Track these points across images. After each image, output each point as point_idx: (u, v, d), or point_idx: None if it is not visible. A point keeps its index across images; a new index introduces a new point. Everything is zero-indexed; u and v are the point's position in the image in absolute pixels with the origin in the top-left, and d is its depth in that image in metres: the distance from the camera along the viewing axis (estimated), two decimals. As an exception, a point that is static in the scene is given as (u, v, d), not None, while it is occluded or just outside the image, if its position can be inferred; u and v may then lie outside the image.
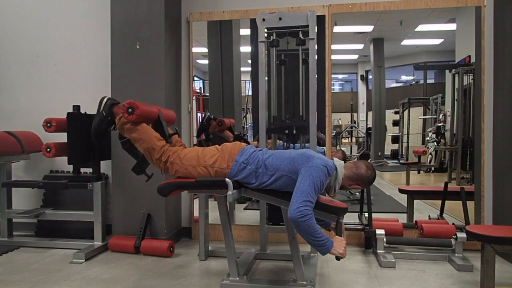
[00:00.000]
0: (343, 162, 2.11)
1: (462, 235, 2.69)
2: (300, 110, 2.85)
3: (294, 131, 2.76)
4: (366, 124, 8.66)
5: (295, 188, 1.88)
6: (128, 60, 3.08)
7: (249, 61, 3.83)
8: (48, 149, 2.84)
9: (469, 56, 4.11)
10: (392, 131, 7.46)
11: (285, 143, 3.08)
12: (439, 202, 3.21)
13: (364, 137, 7.78)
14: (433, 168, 5.57)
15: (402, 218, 3.28)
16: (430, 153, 5.66)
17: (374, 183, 2.27)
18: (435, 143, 5.62)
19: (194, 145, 3.37)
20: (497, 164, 2.90)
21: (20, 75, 3.62)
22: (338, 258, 1.87)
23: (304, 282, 2.16)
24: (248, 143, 2.57)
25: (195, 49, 3.43)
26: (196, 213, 3.21)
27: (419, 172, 5.54)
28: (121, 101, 3.06)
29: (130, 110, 2.17)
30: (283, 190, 2.04)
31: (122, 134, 2.35)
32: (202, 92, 5.08)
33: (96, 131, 2.48)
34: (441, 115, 5.96)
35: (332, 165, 2.03)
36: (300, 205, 1.80)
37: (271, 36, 2.77)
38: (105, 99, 2.45)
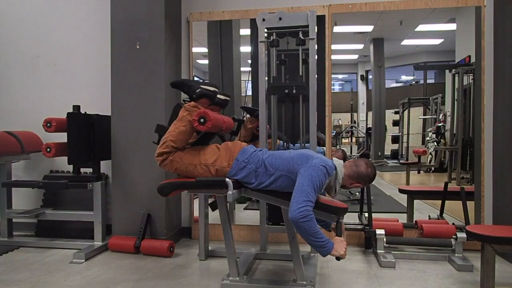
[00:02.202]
0: (342, 161, 2.11)
1: (462, 235, 2.69)
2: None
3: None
4: (366, 124, 8.66)
5: (295, 188, 1.88)
6: (128, 60, 3.08)
7: (249, 61, 3.82)
8: (48, 149, 2.84)
9: (469, 56, 4.11)
10: (392, 131, 7.45)
11: (285, 143, 3.08)
12: (439, 202, 3.21)
13: (364, 137, 7.78)
14: (433, 168, 5.57)
15: (402, 218, 3.28)
16: (430, 153, 5.65)
17: (374, 183, 2.27)
18: (435, 143, 5.62)
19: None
20: (497, 164, 2.90)
21: (20, 75, 3.62)
22: (338, 259, 1.87)
23: (304, 282, 2.16)
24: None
25: (195, 49, 3.43)
26: (196, 213, 3.21)
27: (419, 172, 5.53)
28: (121, 103, 3.08)
29: (202, 120, 2.05)
30: (283, 191, 2.04)
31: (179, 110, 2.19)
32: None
33: (181, 83, 2.26)
34: (441, 115, 5.96)
35: (331, 165, 2.03)
36: (301, 206, 1.80)
37: (271, 36, 2.77)
38: (212, 88, 2.23)
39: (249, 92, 3.69)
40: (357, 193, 4.05)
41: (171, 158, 2.12)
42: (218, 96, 2.32)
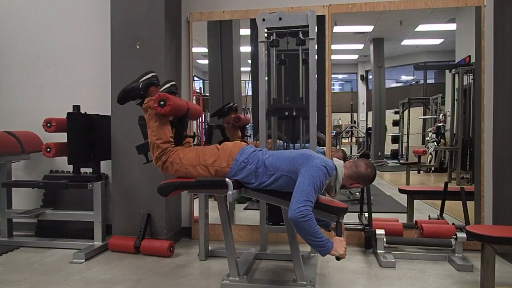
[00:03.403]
0: (342, 161, 2.11)
1: (462, 235, 2.69)
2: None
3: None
4: (366, 124, 8.65)
5: (295, 188, 1.88)
6: (128, 60, 3.08)
7: (249, 61, 3.82)
8: (48, 149, 2.84)
9: (469, 56, 4.11)
10: (392, 131, 7.45)
11: (285, 143, 3.08)
12: (439, 202, 3.21)
13: (364, 137, 7.78)
14: (433, 168, 5.57)
15: (402, 218, 3.28)
16: (430, 153, 5.65)
17: (374, 183, 2.27)
18: (435, 143, 5.62)
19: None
20: (497, 164, 2.90)
21: (20, 75, 3.62)
22: (338, 259, 1.87)
23: (304, 282, 2.16)
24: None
25: (195, 49, 3.43)
26: (196, 213, 3.21)
27: (419, 172, 5.53)
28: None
29: (162, 102, 2.11)
30: (283, 191, 2.04)
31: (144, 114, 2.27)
32: (202, 92, 5.08)
33: (125, 93, 2.32)
34: (441, 115, 5.96)
35: (332, 165, 2.03)
36: (301, 205, 1.80)
37: (271, 36, 2.77)
38: (150, 74, 2.31)
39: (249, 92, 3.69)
40: (357, 193, 4.04)
41: (170, 160, 2.12)
42: (166, 86, 2.34)
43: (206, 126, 3.27)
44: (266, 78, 2.81)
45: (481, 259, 2.08)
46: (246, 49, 3.96)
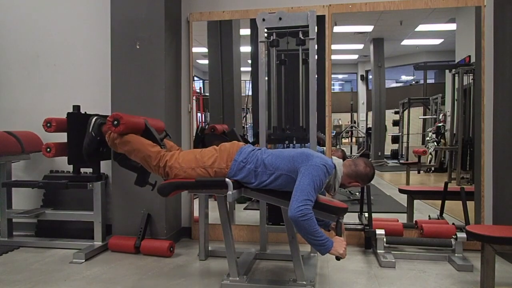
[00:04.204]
0: (341, 160, 2.12)
1: (462, 235, 2.69)
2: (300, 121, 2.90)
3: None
4: (366, 124, 8.67)
5: (295, 187, 1.88)
6: (128, 60, 3.08)
7: (249, 61, 3.83)
8: (48, 149, 2.84)
9: (469, 56, 4.12)
10: (392, 131, 7.46)
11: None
12: (439, 202, 3.21)
13: (364, 137, 7.79)
14: (433, 168, 5.57)
15: (402, 218, 3.28)
16: (430, 153, 5.66)
17: (374, 183, 2.27)
18: (435, 143, 5.63)
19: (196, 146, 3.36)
20: (497, 164, 2.90)
21: (20, 75, 3.61)
22: (338, 258, 1.87)
23: (304, 282, 2.16)
24: (249, 143, 2.57)
25: (195, 49, 3.42)
26: (196, 213, 3.21)
27: (419, 172, 5.54)
28: (121, 103, 3.08)
29: (115, 122, 2.17)
30: (283, 190, 2.04)
31: (115, 151, 2.36)
32: (202, 92, 5.08)
33: (87, 151, 2.50)
34: (441, 115, 5.97)
35: (331, 163, 2.03)
36: (300, 204, 1.80)
37: (271, 36, 2.77)
38: (93, 119, 2.45)
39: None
40: (357, 193, 4.04)
41: (169, 165, 2.13)
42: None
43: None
44: (266, 78, 2.81)
45: (481, 259, 2.08)
46: (246, 49, 3.97)
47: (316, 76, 2.69)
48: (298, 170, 1.95)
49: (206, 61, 4.15)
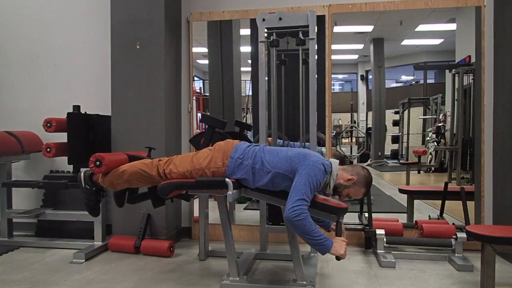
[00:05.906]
0: (337, 160, 2.13)
1: (462, 235, 2.69)
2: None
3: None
4: (366, 124, 8.67)
5: (292, 187, 1.89)
6: (128, 60, 3.08)
7: (249, 61, 3.83)
8: (48, 149, 2.84)
9: (469, 56, 4.11)
10: (392, 131, 7.47)
11: (285, 142, 3.08)
12: (439, 202, 3.21)
13: (364, 137, 7.79)
14: (433, 168, 5.57)
15: (402, 218, 3.28)
16: (430, 153, 5.66)
17: (374, 183, 2.28)
18: (435, 143, 5.63)
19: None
20: (497, 164, 2.90)
21: (20, 75, 3.61)
22: (338, 258, 1.87)
23: (304, 282, 2.16)
24: (249, 141, 2.55)
25: (195, 49, 3.42)
26: (196, 213, 3.21)
27: (419, 172, 5.54)
28: (121, 103, 3.08)
29: (97, 163, 2.19)
30: (282, 190, 2.04)
31: (116, 191, 2.37)
32: (202, 92, 5.09)
33: (90, 206, 2.44)
34: (441, 115, 5.97)
35: (328, 163, 2.04)
36: (295, 205, 1.80)
37: (271, 36, 2.77)
38: (82, 174, 2.40)
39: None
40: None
41: (167, 171, 2.13)
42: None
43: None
44: (266, 78, 2.80)
45: (481, 259, 2.08)
46: (246, 49, 3.96)
47: (316, 76, 2.69)
48: (295, 170, 1.95)
49: (206, 61, 4.15)
